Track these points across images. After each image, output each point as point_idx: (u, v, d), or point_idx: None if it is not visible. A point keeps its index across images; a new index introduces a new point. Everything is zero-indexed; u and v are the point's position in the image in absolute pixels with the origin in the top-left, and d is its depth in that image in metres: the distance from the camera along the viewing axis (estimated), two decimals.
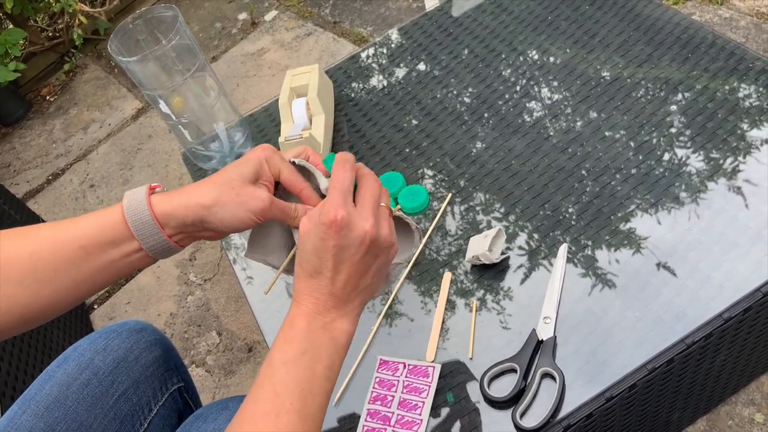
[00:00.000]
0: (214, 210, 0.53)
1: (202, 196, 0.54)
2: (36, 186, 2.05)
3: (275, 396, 0.49)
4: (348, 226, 0.50)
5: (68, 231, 0.54)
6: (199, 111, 0.94)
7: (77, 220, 0.55)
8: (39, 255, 0.53)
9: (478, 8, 1.14)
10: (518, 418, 0.66)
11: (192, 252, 1.65)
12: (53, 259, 0.53)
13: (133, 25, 0.89)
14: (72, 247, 0.53)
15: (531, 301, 0.75)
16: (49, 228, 0.55)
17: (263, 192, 0.55)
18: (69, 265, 0.53)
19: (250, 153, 0.57)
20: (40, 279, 0.53)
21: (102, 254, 0.54)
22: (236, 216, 0.54)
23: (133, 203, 0.54)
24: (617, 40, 0.99)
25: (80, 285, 0.55)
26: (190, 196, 0.54)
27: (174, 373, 0.77)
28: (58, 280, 0.54)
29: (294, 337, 0.51)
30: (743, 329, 0.74)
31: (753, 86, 0.86)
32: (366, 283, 0.54)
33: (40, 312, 0.55)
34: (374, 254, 0.53)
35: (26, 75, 2.39)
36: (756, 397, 1.00)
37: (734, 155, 0.80)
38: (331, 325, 0.52)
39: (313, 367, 0.51)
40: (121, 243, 0.54)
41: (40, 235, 0.54)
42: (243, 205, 0.54)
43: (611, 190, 0.82)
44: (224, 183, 0.54)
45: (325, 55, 1.99)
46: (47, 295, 0.54)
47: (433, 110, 1.02)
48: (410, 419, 0.70)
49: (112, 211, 0.54)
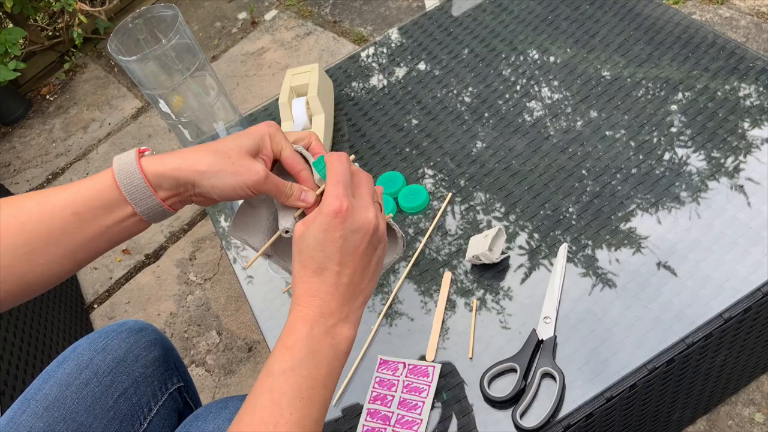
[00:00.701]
0: (208, 176, 0.52)
1: (197, 161, 0.53)
2: (36, 185, 2.04)
3: (274, 405, 0.48)
4: (353, 216, 0.50)
5: (58, 198, 0.53)
6: (199, 110, 0.94)
7: (68, 187, 0.53)
8: (30, 224, 0.52)
9: (478, 7, 1.14)
10: (518, 418, 0.66)
11: (192, 251, 1.65)
12: (45, 227, 0.52)
13: (133, 24, 0.89)
14: (64, 214, 0.52)
15: (531, 301, 0.75)
16: (39, 196, 0.54)
17: (260, 165, 0.53)
18: (62, 233, 0.52)
19: (254, 127, 0.56)
20: (34, 248, 0.52)
21: (96, 220, 0.53)
22: (229, 185, 0.53)
23: (123, 167, 0.52)
24: (617, 39, 0.99)
25: (76, 252, 0.54)
26: (184, 160, 0.53)
27: (174, 372, 0.77)
28: (53, 248, 0.53)
29: (294, 344, 0.50)
30: (743, 329, 0.74)
31: (753, 86, 0.86)
32: (368, 277, 0.53)
33: (38, 280, 0.54)
34: (374, 245, 0.52)
35: (26, 74, 2.39)
36: (756, 397, 1.00)
37: (734, 155, 0.80)
38: (333, 330, 0.51)
39: (313, 375, 0.49)
40: (114, 208, 0.53)
41: (31, 203, 0.53)
42: (237, 176, 0.53)
43: (611, 190, 0.82)
44: (221, 151, 0.53)
45: (325, 54, 1.99)
46: (43, 263, 0.53)
47: (434, 110, 1.02)
48: (410, 419, 0.70)
49: (103, 176, 0.53)
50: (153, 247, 1.70)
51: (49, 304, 1.41)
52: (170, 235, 1.71)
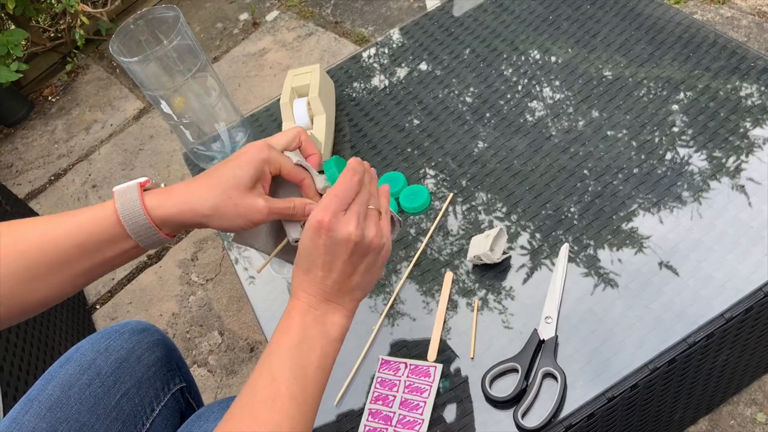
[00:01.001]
0: (213, 219, 0.56)
1: (200, 204, 0.55)
2: (38, 186, 2.05)
3: (272, 381, 0.52)
4: (335, 229, 0.53)
5: (61, 228, 0.54)
6: (201, 111, 0.94)
7: (70, 217, 0.55)
8: (31, 253, 0.54)
9: (479, 8, 1.14)
10: (520, 418, 0.66)
11: (194, 252, 1.65)
12: (47, 256, 0.54)
13: (134, 25, 0.90)
14: (67, 245, 0.54)
15: (532, 301, 0.75)
16: (41, 224, 0.56)
17: (260, 202, 0.56)
18: (64, 262, 0.54)
19: (247, 154, 0.57)
20: (35, 275, 0.54)
21: (99, 252, 0.55)
22: (235, 224, 0.56)
23: (127, 206, 0.54)
24: (619, 39, 0.99)
25: (76, 278, 0.56)
26: (187, 202, 0.55)
27: (176, 373, 0.77)
28: (54, 275, 0.55)
29: (289, 328, 0.54)
30: (745, 329, 0.74)
31: (755, 85, 0.86)
32: (355, 281, 0.56)
33: (38, 302, 0.56)
34: (361, 254, 0.55)
35: (28, 75, 2.39)
36: (758, 397, 1.00)
37: (736, 155, 0.80)
38: (323, 317, 0.55)
39: (307, 355, 0.53)
40: (118, 242, 0.55)
41: (32, 232, 0.55)
42: (241, 217, 0.56)
43: (613, 190, 0.82)
44: (222, 191, 0.55)
45: (326, 55, 1.99)
46: (43, 288, 0.55)
47: (435, 110, 1.02)
48: (412, 419, 0.70)
49: (106, 211, 0.55)
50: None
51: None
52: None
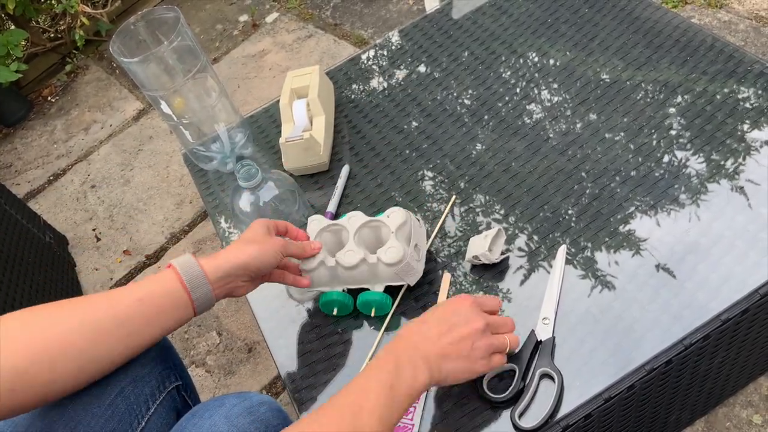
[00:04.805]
0: (255, 258, 0.70)
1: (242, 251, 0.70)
2: (37, 186, 2.05)
3: (364, 390, 0.57)
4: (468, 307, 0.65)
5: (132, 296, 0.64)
6: (201, 112, 0.94)
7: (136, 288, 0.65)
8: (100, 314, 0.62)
9: (478, 11, 1.15)
10: (517, 419, 0.66)
11: (193, 252, 1.65)
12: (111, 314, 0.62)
13: (134, 26, 0.90)
14: (128, 301, 0.63)
15: (530, 302, 0.75)
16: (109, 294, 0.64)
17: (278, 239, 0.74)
18: (129, 318, 0.63)
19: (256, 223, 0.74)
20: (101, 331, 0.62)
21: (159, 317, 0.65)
22: (268, 259, 0.71)
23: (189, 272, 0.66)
24: (616, 42, 0.99)
25: (134, 340, 0.65)
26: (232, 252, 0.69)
27: (172, 371, 0.77)
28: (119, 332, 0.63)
29: (386, 367, 0.60)
30: (741, 331, 0.74)
31: (751, 89, 0.86)
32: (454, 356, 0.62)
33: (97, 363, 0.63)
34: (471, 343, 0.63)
35: (28, 76, 2.39)
36: (754, 399, 1.00)
37: (733, 157, 0.80)
38: (418, 365, 0.60)
39: (395, 393, 0.58)
40: (178, 307, 0.66)
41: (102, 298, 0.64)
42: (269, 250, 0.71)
43: (610, 192, 0.82)
44: (252, 241, 0.71)
45: (325, 57, 2.00)
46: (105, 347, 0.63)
47: (433, 112, 1.02)
48: (402, 424, 0.69)
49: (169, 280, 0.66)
50: (153, 248, 1.71)
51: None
52: (171, 236, 1.72)
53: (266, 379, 1.33)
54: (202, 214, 1.74)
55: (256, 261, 0.69)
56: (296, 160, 0.99)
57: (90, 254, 1.76)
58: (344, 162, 1.01)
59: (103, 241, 1.78)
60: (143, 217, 1.80)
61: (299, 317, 0.84)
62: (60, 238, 1.76)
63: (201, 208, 1.75)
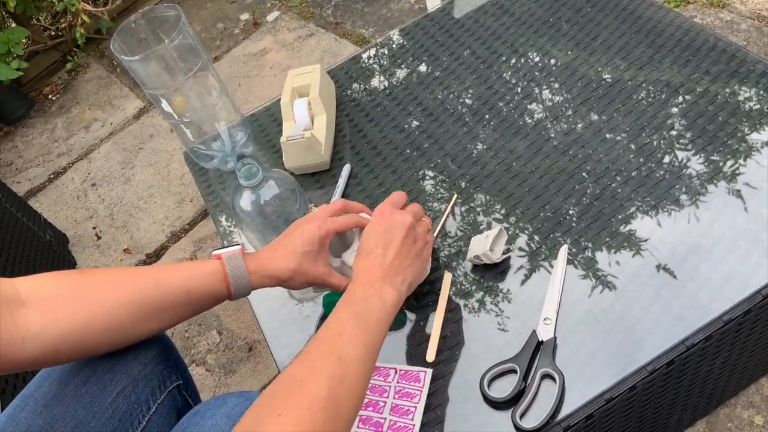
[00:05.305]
0: (287, 282, 0.71)
1: (282, 272, 0.70)
2: (38, 184, 2.05)
3: (338, 323, 0.61)
4: (392, 215, 0.71)
5: (175, 276, 0.67)
6: (201, 110, 0.94)
7: (180, 269, 0.68)
8: (148, 291, 0.65)
9: (479, 10, 1.15)
10: (518, 419, 0.66)
11: (193, 251, 1.65)
12: (159, 297, 0.66)
13: (135, 24, 0.89)
14: (177, 291, 0.66)
15: (531, 302, 0.75)
16: (156, 269, 0.68)
17: (322, 269, 0.72)
18: (169, 305, 0.66)
19: (309, 233, 0.71)
20: (147, 312, 0.65)
21: (198, 301, 0.68)
22: (302, 286, 0.73)
23: (235, 270, 0.68)
24: (618, 42, 0.99)
25: (171, 320, 0.68)
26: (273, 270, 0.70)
27: (173, 371, 0.77)
28: (159, 315, 0.66)
29: (352, 297, 0.65)
30: (743, 331, 0.74)
31: (754, 89, 0.86)
32: (407, 261, 0.69)
33: (137, 336, 0.68)
34: (412, 239, 0.70)
35: (29, 74, 2.39)
36: (755, 400, 1.00)
37: (735, 158, 0.80)
38: (381, 290, 0.65)
39: (366, 317, 0.62)
40: (217, 296, 0.69)
41: (150, 274, 0.67)
42: (308, 282, 0.72)
43: (612, 192, 0.82)
44: (297, 264, 0.70)
45: (326, 55, 2.00)
46: (147, 325, 0.67)
47: (435, 111, 1.02)
48: (402, 425, 0.69)
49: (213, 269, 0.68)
50: (154, 246, 1.71)
51: None
52: (171, 235, 1.72)
53: (266, 379, 1.33)
54: (203, 213, 1.74)
55: (292, 282, 0.71)
56: (297, 159, 0.99)
57: (90, 252, 1.76)
58: (345, 161, 1.01)
59: (104, 240, 1.78)
60: (144, 215, 1.80)
61: (300, 317, 0.84)
62: (60, 236, 1.76)
63: (201, 206, 1.75)
